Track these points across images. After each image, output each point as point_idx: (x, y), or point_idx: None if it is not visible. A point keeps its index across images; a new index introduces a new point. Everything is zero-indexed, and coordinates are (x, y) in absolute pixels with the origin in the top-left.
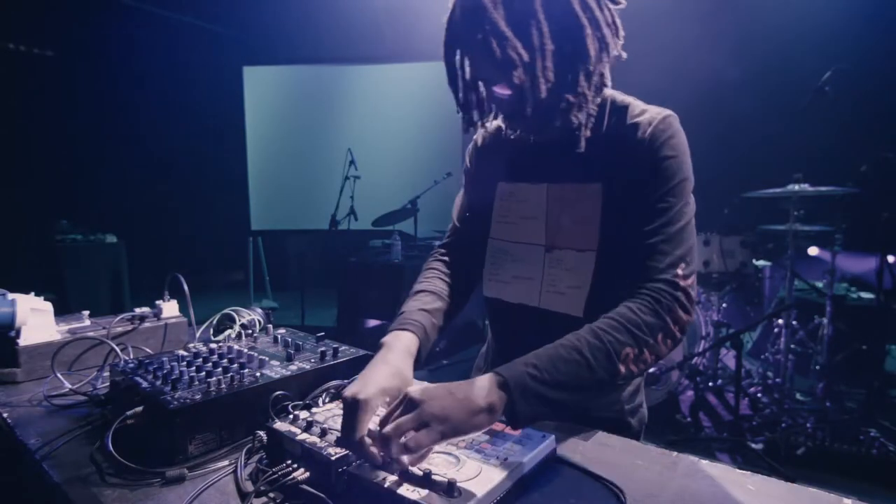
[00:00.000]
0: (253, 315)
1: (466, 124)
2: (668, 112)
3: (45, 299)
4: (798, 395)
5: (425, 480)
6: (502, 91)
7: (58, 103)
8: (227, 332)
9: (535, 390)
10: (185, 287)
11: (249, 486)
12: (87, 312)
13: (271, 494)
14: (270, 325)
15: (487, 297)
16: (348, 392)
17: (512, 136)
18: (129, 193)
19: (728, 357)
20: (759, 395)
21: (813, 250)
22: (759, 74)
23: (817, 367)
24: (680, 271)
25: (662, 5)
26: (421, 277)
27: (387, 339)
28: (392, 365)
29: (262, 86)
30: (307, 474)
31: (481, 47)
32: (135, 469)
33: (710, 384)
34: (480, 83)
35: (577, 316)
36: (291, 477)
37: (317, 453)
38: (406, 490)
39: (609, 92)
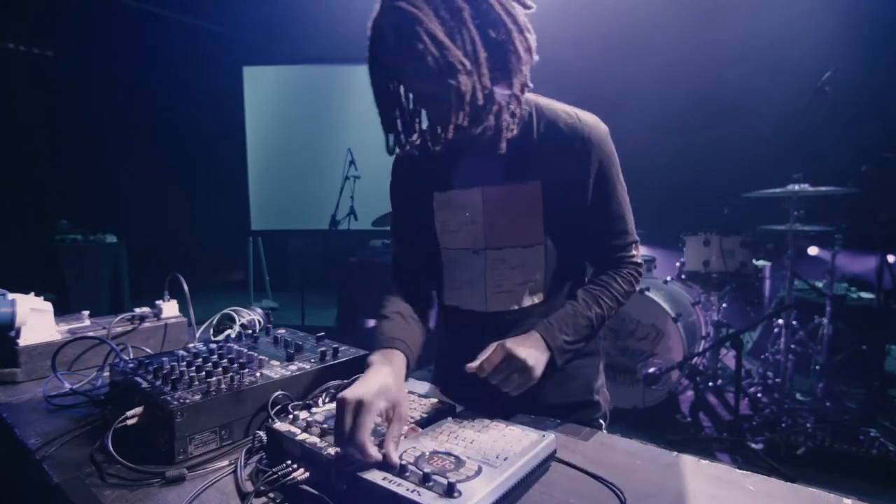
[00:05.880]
0: (253, 315)
1: (394, 146)
2: (594, 117)
3: (45, 299)
4: (798, 395)
5: (425, 481)
6: (436, 107)
7: (58, 103)
8: (227, 332)
9: (565, 350)
10: (185, 287)
11: (249, 486)
12: (87, 312)
13: (271, 494)
14: (270, 325)
15: (447, 305)
16: (350, 394)
17: (437, 148)
18: (129, 193)
19: (728, 357)
20: (759, 395)
21: (813, 250)
22: (758, 74)
23: (817, 367)
24: (635, 251)
25: (663, 5)
26: (384, 302)
27: (376, 357)
28: (387, 376)
29: (262, 86)
30: (307, 474)
31: (420, 58)
32: (135, 469)
33: (710, 384)
34: (409, 100)
35: (529, 305)
36: (291, 477)
37: (317, 453)
38: (406, 490)
39: (531, 96)
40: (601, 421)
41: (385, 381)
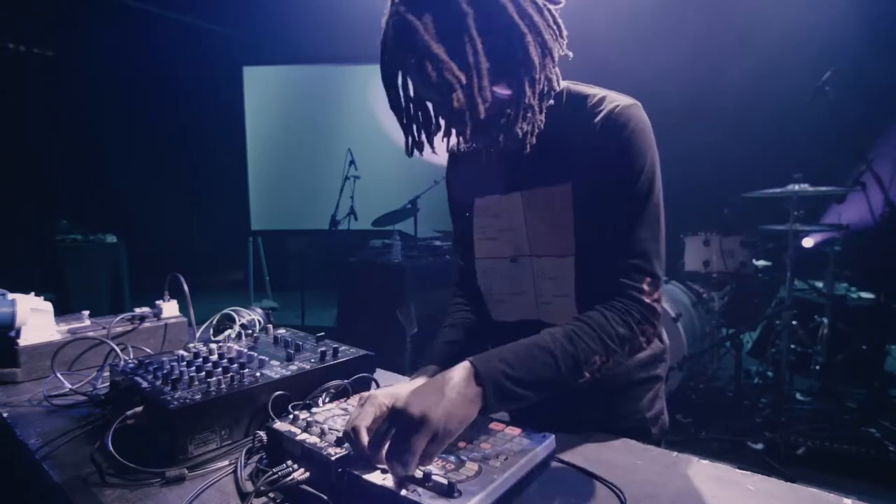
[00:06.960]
0: (253, 315)
1: (412, 148)
2: (626, 102)
3: (45, 299)
4: (798, 395)
5: (425, 481)
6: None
7: (58, 103)
8: (227, 332)
9: (506, 388)
10: (185, 287)
11: (249, 486)
12: (87, 312)
13: (271, 494)
14: (270, 325)
15: (495, 321)
16: (368, 393)
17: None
18: (129, 193)
19: (728, 357)
20: (758, 395)
21: (808, 242)
22: (758, 74)
23: (817, 367)
24: (646, 287)
25: (663, 5)
26: (453, 309)
27: (429, 372)
28: (416, 382)
29: (262, 86)
30: (307, 474)
31: (416, 71)
32: (135, 469)
33: (711, 384)
34: (415, 106)
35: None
36: (291, 477)
37: (317, 453)
38: (406, 490)
39: (564, 83)
40: None
41: (409, 386)
